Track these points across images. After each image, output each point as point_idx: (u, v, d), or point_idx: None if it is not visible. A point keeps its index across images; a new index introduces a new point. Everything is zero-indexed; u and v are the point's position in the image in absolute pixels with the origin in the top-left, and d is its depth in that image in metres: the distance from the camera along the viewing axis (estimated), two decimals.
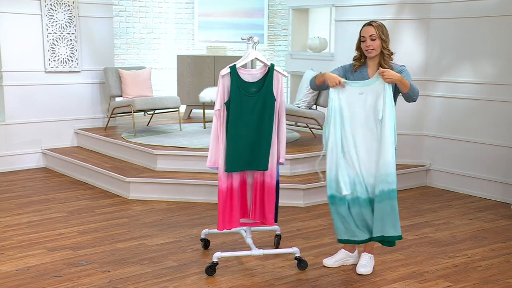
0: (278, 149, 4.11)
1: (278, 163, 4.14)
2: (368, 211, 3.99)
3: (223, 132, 4.01)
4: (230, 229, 4.14)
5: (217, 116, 4.00)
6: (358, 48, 4.06)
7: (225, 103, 3.99)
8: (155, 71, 9.26)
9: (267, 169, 4.06)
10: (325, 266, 4.23)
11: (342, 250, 4.29)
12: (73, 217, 5.35)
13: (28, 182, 6.59)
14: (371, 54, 3.98)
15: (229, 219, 4.08)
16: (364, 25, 4.02)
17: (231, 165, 3.99)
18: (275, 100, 4.02)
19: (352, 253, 4.27)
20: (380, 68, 3.95)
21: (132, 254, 4.45)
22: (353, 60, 4.11)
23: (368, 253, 4.18)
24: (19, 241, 4.71)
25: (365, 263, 4.13)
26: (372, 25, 3.96)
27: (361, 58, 4.07)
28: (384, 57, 3.98)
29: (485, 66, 6.15)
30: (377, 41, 3.95)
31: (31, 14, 7.18)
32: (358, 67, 4.07)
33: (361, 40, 4.01)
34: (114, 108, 7.34)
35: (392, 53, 4.02)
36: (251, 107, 3.97)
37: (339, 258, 4.26)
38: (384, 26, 4.01)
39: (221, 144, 4.01)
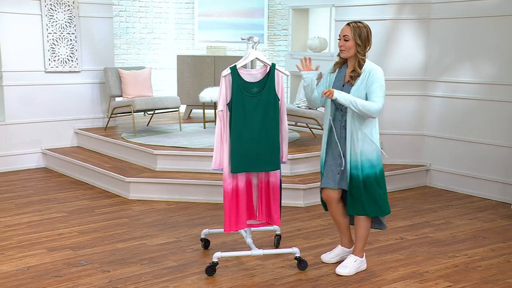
0: (281, 148, 4.12)
1: (281, 162, 4.14)
2: None
3: (226, 133, 4.01)
4: (237, 231, 4.13)
5: (220, 117, 4.00)
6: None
7: (227, 104, 3.98)
8: (155, 71, 9.26)
9: (279, 168, 4.07)
10: (323, 262, 4.25)
11: (339, 246, 4.31)
12: (73, 217, 5.34)
13: (28, 182, 6.59)
14: (342, 54, 3.97)
15: (236, 221, 4.06)
16: (346, 24, 3.98)
17: (236, 166, 3.98)
18: (279, 100, 4.02)
19: (349, 248, 4.28)
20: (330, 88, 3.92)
21: (132, 254, 4.45)
22: (337, 55, 4.08)
23: (356, 255, 4.13)
24: (19, 241, 4.71)
25: (346, 264, 4.09)
26: (350, 26, 3.92)
27: None
28: (359, 61, 3.94)
29: (485, 66, 6.15)
30: (350, 42, 3.90)
31: (31, 14, 7.17)
32: (341, 65, 4.05)
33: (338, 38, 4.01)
34: (114, 108, 7.33)
35: (364, 61, 3.94)
36: (253, 107, 3.97)
37: (336, 253, 4.28)
38: (364, 29, 3.91)
39: (225, 145, 4.01)
